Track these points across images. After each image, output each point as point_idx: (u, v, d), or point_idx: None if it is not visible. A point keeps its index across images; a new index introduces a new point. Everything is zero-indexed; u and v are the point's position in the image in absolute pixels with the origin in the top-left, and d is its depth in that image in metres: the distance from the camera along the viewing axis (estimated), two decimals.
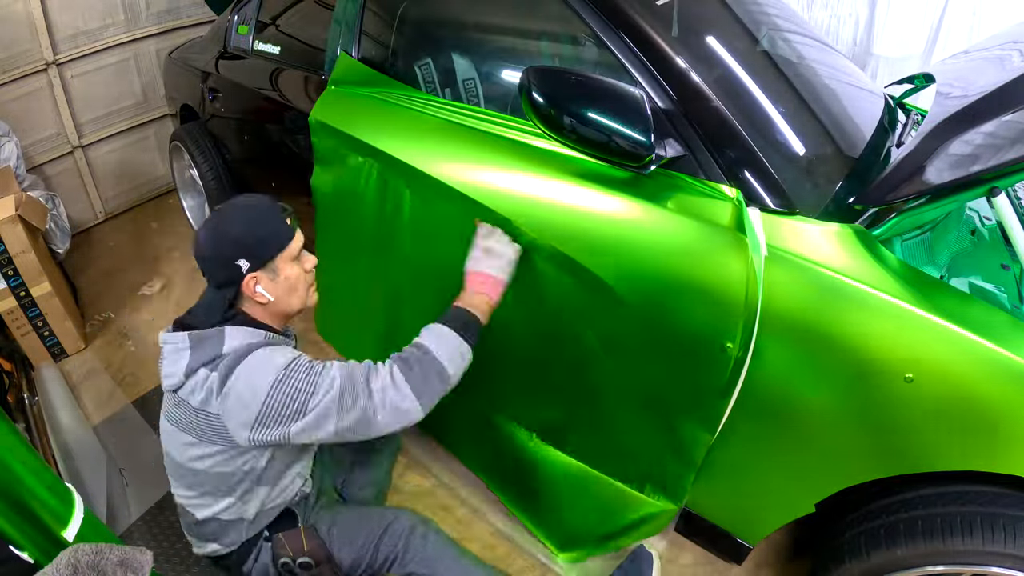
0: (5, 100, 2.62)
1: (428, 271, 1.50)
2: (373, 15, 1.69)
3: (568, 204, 1.19)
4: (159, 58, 3.06)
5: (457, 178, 1.33)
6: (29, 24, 2.60)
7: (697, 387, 1.11)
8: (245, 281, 1.07)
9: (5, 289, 2.09)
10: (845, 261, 0.98)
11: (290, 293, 1.13)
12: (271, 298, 1.10)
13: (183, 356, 1.05)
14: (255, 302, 1.10)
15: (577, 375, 1.32)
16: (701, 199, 1.09)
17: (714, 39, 1.34)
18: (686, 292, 1.08)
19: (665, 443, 1.22)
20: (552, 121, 1.11)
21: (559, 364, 1.34)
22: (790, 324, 1.00)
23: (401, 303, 1.61)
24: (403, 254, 1.53)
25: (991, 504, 0.95)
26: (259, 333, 1.08)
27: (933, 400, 0.92)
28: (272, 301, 1.11)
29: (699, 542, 1.41)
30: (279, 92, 2.00)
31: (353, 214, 1.61)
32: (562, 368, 1.34)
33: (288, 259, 1.11)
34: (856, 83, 1.57)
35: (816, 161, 1.21)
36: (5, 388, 1.96)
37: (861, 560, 1.05)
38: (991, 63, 1.31)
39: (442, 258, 1.46)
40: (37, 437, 1.81)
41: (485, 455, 1.64)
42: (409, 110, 1.48)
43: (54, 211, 2.42)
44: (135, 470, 1.80)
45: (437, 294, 1.49)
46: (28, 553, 0.86)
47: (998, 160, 0.89)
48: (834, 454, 1.05)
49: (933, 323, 0.91)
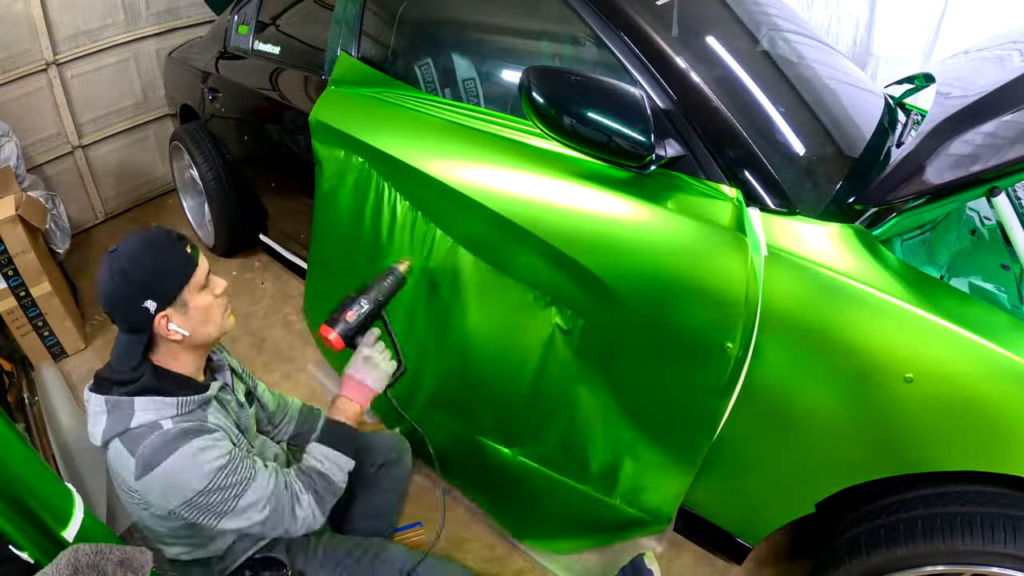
0: (5, 100, 2.62)
1: (428, 271, 1.49)
2: (373, 15, 1.69)
3: (568, 204, 1.19)
4: (159, 58, 3.06)
5: (457, 178, 1.33)
6: (29, 24, 2.60)
7: (697, 387, 1.11)
8: (156, 321, 1.02)
9: (5, 289, 2.09)
10: (845, 261, 0.98)
11: (205, 323, 1.07)
12: (186, 333, 1.04)
13: (101, 420, 1.02)
14: (171, 341, 1.05)
15: (574, 376, 1.31)
16: (701, 199, 1.09)
17: (714, 39, 1.34)
18: (686, 292, 1.08)
19: (665, 444, 1.22)
20: (552, 121, 1.11)
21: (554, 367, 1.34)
22: (790, 324, 1.00)
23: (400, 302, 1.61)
24: (401, 253, 1.53)
25: (991, 504, 0.95)
26: (170, 403, 1.02)
27: (933, 400, 0.92)
28: (188, 336, 1.05)
29: (699, 542, 1.41)
30: (279, 92, 2.00)
31: (352, 213, 1.61)
32: (557, 370, 1.34)
33: (195, 289, 1.06)
34: (856, 83, 1.58)
35: (816, 161, 1.21)
36: (5, 388, 1.96)
37: (861, 560, 1.05)
38: (991, 63, 1.31)
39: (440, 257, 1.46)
40: (37, 437, 1.81)
41: (474, 478, 1.62)
42: (409, 110, 1.48)
43: (54, 211, 2.42)
44: None
45: (433, 294, 1.49)
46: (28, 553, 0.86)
47: (998, 160, 0.89)
48: (834, 454, 1.05)
49: (933, 323, 0.91)
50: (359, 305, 1.21)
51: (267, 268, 2.74)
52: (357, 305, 1.21)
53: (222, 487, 0.99)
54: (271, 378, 2.12)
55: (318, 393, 2.05)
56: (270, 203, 2.40)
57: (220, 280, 1.11)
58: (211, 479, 0.98)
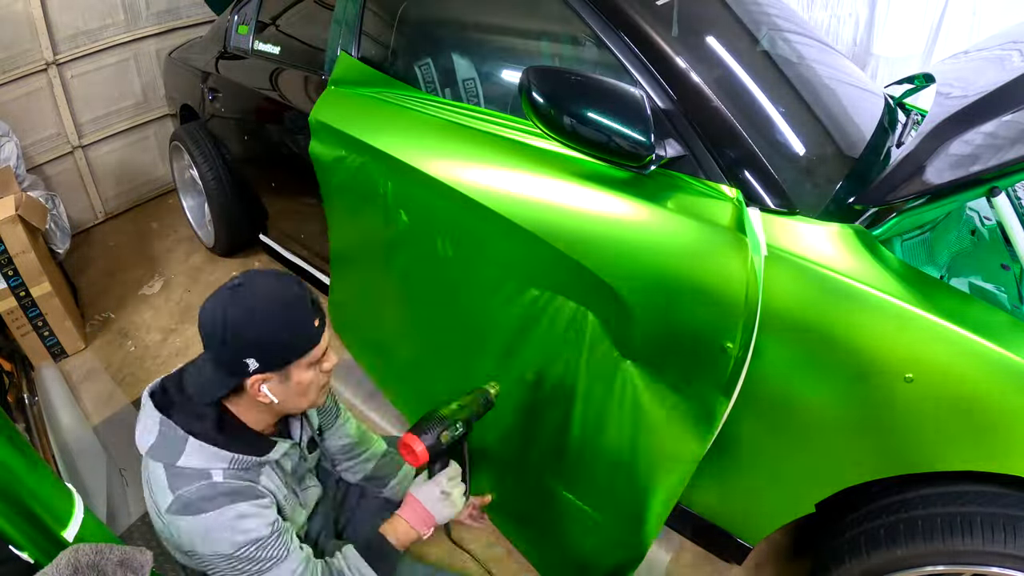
0: (5, 100, 2.62)
1: (429, 270, 1.50)
2: (373, 15, 1.69)
3: (568, 204, 1.19)
4: (159, 58, 3.06)
5: (457, 178, 1.33)
6: (29, 24, 2.60)
7: (697, 387, 1.11)
8: (251, 379, 0.93)
9: (5, 289, 2.09)
10: (845, 261, 0.98)
11: (299, 397, 0.99)
12: (276, 400, 0.97)
13: (152, 434, 0.96)
14: (256, 400, 0.97)
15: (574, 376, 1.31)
16: (701, 199, 1.09)
17: (714, 39, 1.34)
18: (686, 292, 1.07)
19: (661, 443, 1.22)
20: (552, 121, 1.11)
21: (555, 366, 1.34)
22: (790, 324, 1.00)
23: (405, 302, 1.62)
24: (405, 254, 1.53)
25: (991, 504, 0.95)
26: (223, 457, 0.95)
27: (933, 400, 0.92)
28: (277, 403, 0.98)
29: (699, 542, 1.41)
30: (279, 92, 2.00)
31: (355, 214, 1.61)
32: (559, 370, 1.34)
33: (306, 365, 0.96)
34: (856, 83, 1.57)
35: (816, 161, 1.21)
36: (5, 388, 1.96)
37: (861, 560, 1.05)
38: (991, 63, 1.31)
39: (442, 257, 1.46)
40: (37, 437, 1.81)
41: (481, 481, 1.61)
42: (409, 110, 1.48)
43: (54, 211, 2.42)
44: (135, 470, 1.80)
45: (437, 293, 1.49)
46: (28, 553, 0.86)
47: (998, 160, 0.89)
48: (834, 454, 1.05)
49: (933, 323, 0.90)
50: (455, 428, 1.11)
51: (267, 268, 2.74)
52: (453, 428, 1.11)
53: (251, 558, 0.94)
54: None
55: None
56: (270, 203, 2.40)
57: (333, 357, 1.02)
58: (243, 549, 0.93)
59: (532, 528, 1.50)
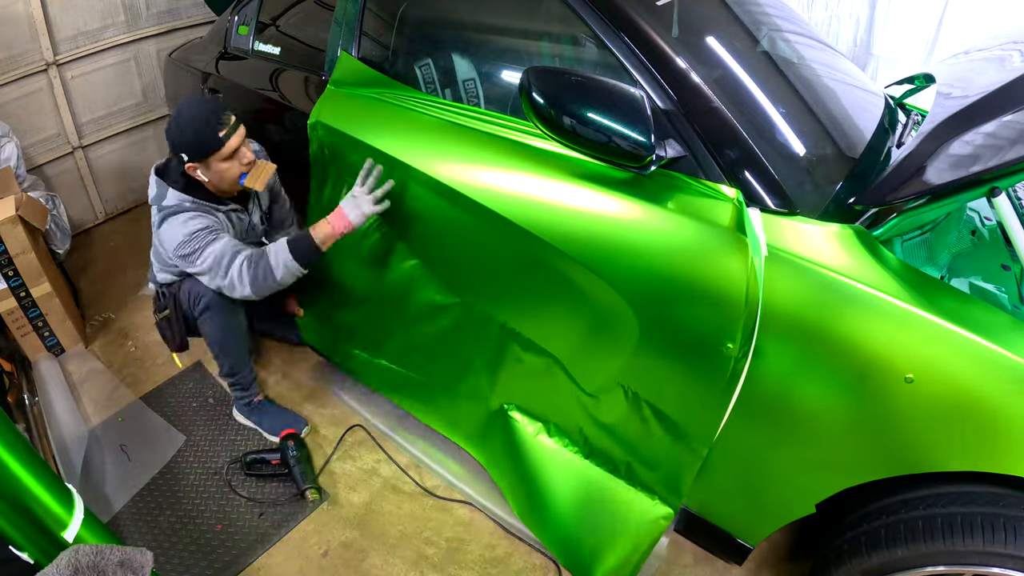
0: (5, 100, 2.62)
1: (426, 270, 1.49)
2: (373, 15, 1.69)
3: (568, 204, 1.19)
4: (159, 59, 3.06)
5: (457, 178, 1.33)
6: (29, 24, 2.59)
7: (697, 387, 1.11)
8: (187, 166, 1.52)
9: (5, 289, 2.09)
10: (845, 261, 0.98)
11: (221, 180, 1.55)
12: (207, 180, 1.55)
13: (152, 188, 1.59)
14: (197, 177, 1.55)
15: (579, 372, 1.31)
16: (701, 199, 1.09)
17: (714, 39, 1.34)
18: (686, 292, 1.08)
19: (665, 444, 1.22)
20: (552, 121, 1.11)
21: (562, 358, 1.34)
22: (790, 324, 1.00)
23: (397, 303, 1.61)
24: (402, 253, 1.53)
25: (991, 504, 0.95)
26: (188, 199, 1.55)
27: (933, 400, 0.92)
28: (209, 182, 1.55)
29: (699, 542, 1.41)
30: (279, 93, 2.00)
31: None
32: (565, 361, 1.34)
33: (220, 159, 1.50)
34: (856, 83, 1.58)
35: (816, 161, 1.21)
36: (5, 388, 1.96)
37: (862, 560, 1.05)
38: (991, 63, 1.31)
39: (440, 257, 1.46)
40: (37, 437, 1.81)
41: (492, 448, 1.60)
42: (409, 110, 1.48)
43: (54, 211, 2.42)
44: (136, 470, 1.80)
45: (434, 292, 1.49)
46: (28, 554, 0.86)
47: (998, 160, 0.89)
48: (834, 454, 1.05)
49: (933, 323, 0.91)
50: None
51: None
52: None
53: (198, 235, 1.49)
54: (270, 375, 2.12)
55: (319, 394, 2.05)
56: None
57: (249, 153, 1.56)
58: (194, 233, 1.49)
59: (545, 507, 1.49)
